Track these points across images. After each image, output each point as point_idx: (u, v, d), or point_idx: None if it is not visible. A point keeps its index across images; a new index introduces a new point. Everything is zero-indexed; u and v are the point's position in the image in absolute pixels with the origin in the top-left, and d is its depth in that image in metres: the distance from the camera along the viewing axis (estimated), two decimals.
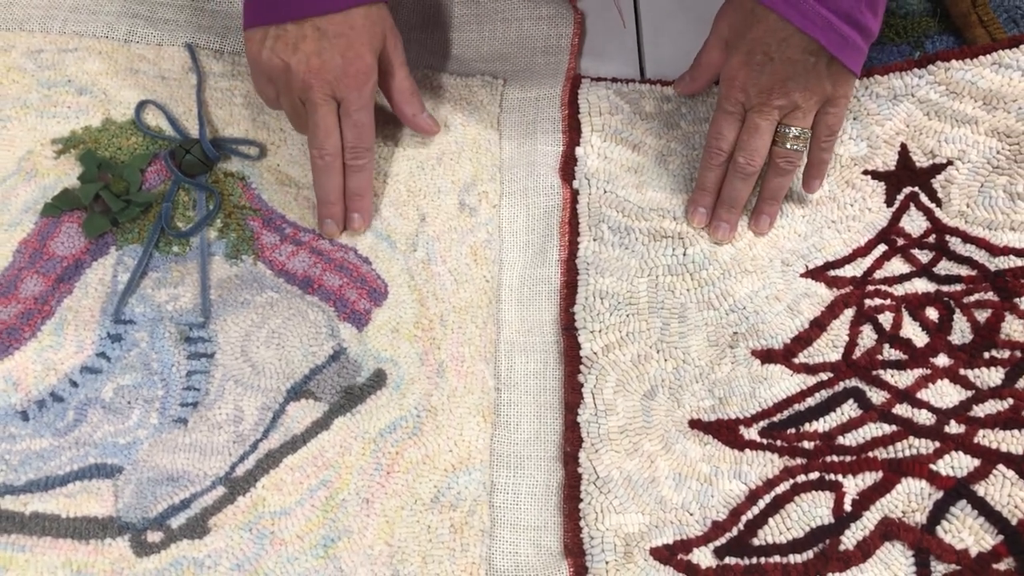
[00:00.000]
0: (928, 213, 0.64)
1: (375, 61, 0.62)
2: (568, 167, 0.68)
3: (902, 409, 0.57)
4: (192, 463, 0.57)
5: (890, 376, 0.58)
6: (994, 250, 0.61)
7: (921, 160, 0.65)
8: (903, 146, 0.66)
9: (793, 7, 0.57)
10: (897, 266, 0.63)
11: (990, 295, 0.60)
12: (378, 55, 0.62)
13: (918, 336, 0.60)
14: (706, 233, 0.65)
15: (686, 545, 0.55)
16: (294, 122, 0.65)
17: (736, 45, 0.61)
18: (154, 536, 0.55)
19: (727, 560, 0.54)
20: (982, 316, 0.60)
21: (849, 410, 0.58)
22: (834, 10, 0.56)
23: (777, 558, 0.54)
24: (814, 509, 0.55)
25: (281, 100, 0.63)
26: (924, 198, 0.64)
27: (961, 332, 0.59)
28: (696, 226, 0.65)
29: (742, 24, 0.60)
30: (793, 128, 0.61)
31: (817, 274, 0.63)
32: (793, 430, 0.58)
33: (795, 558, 0.54)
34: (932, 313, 0.60)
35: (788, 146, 0.61)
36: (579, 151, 0.68)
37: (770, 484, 0.56)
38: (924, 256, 0.63)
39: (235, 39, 0.74)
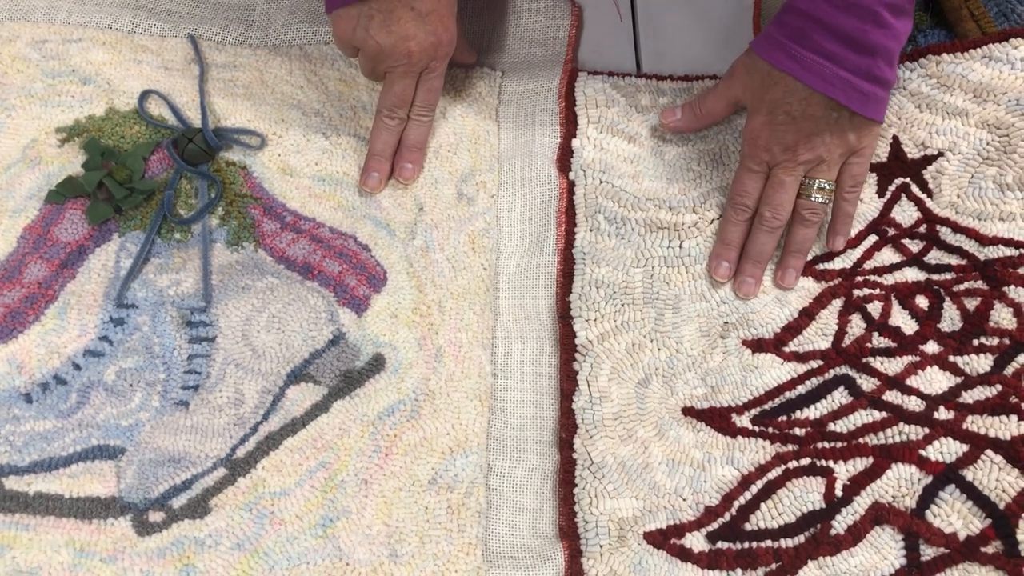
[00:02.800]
0: (919, 203, 0.65)
1: (455, 26, 0.64)
2: (565, 158, 0.69)
3: (892, 396, 0.58)
4: (193, 445, 0.57)
5: (880, 363, 0.59)
6: (984, 240, 0.62)
7: (912, 151, 0.66)
8: (895, 138, 0.67)
9: (810, 71, 0.57)
10: (888, 256, 0.63)
11: (979, 284, 0.61)
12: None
13: (907, 324, 0.60)
14: (726, 283, 0.64)
15: (679, 530, 0.56)
16: (365, 71, 0.66)
17: (756, 106, 0.61)
18: (156, 516, 0.55)
19: (719, 544, 0.55)
20: (971, 304, 0.60)
21: (839, 397, 0.59)
22: (852, 70, 0.57)
23: (769, 543, 0.55)
24: (805, 494, 0.56)
25: (359, 59, 0.65)
26: (915, 188, 0.65)
27: (951, 320, 0.60)
28: (720, 280, 0.63)
29: (759, 86, 0.60)
30: (818, 180, 0.61)
31: (804, 270, 0.63)
32: (784, 417, 0.59)
33: (786, 542, 0.55)
34: (922, 301, 0.61)
35: (813, 198, 0.61)
36: (575, 143, 0.69)
37: (762, 470, 0.57)
38: (915, 246, 0.63)
39: (236, 30, 0.75)
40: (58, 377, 0.59)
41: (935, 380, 0.58)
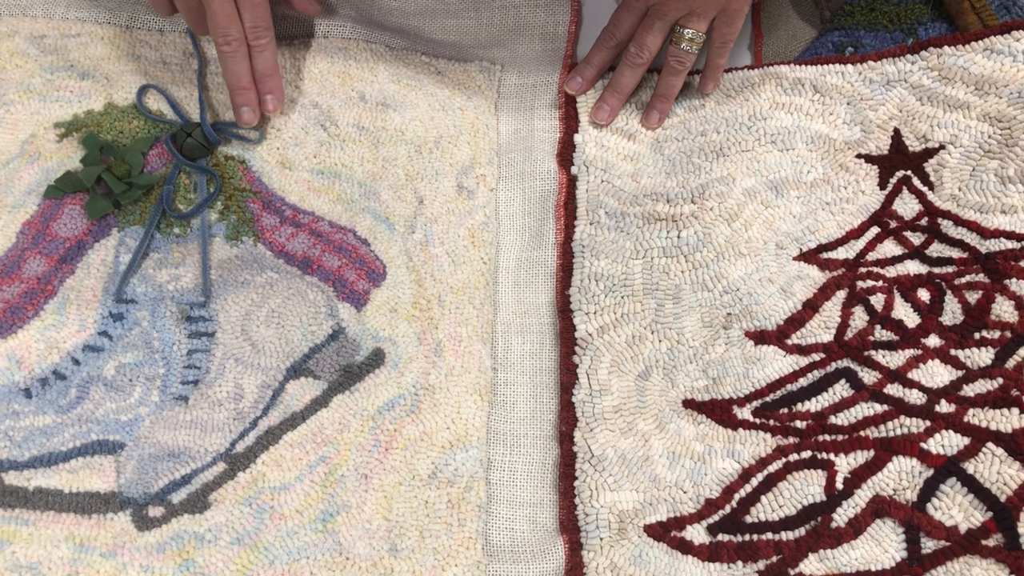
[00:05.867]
0: (921, 196, 0.64)
1: None
2: (565, 152, 0.69)
3: (893, 389, 0.58)
4: (193, 440, 0.57)
5: (881, 357, 0.59)
6: (985, 233, 0.62)
7: (914, 144, 0.66)
8: (896, 131, 0.66)
9: None
10: (889, 248, 0.63)
11: (981, 277, 0.61)
12: None
13: (909, 317, 0.60)
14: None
15: (679, 522, 0.56)
16: (191, 20, 0.65)
17: None
18: (155, 511, 0.55)
19: (720, 537, 0.55)
20: (973, 297, 0.60)
21: (841, 390, 0.59)
22: None
23: (769, 535, 0.55)
24: (806, 487, 0.56)
25: (176, 3, 0.64)
26: (917, 181, 0.65)
27: (952, 313, 0.60)
28: (570, 91, 0.70)
29: None
30: (688, 30, 0.66)
31: (810, 257, 0.63)
32: (786, 410, 0.58)
33: (787, 535, 0.55)
34: (924, 294, 0.61)
35: (682, 47, 0.66)
36: (578, 138, 0.69)
37: (763, 463, 0.57)
38: (916, 238, 0.63)
39: None
40: (57, 372, 0.59)
41: (936, 373, 0.58)
